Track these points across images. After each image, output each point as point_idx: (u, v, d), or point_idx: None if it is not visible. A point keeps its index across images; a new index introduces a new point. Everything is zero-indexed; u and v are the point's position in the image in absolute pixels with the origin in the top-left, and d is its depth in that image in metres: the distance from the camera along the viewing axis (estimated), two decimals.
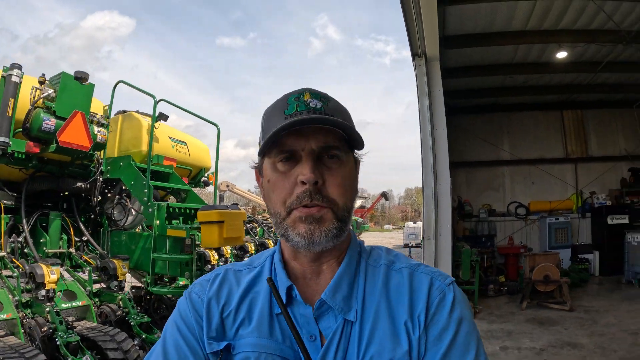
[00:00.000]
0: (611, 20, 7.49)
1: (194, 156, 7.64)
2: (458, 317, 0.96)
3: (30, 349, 4.02)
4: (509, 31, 8.09)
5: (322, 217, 0.97)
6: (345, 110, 1.05)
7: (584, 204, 12.04)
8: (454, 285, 1.01)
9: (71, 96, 5.41)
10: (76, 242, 6.05)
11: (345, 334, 0.98)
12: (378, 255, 1.09)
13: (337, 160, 0.99)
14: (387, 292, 1.00)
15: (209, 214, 5.35)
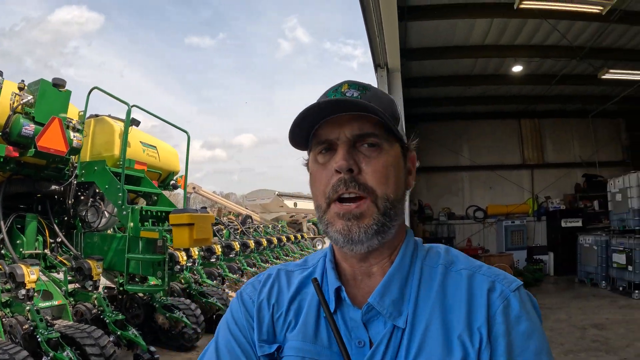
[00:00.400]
0: (565, 38, 8.15)
1: (164, 160, 7.85)
2: (525, 332, 0.87)
3: (12, 346, 4.28)
4: (467, 45, 8.66)
5: (362, 213, 0.93)
6: (386, 98, 1.02)
7: (540, 208, 12.81)
8: (520, 291, 0.92)
9: (49, 102, 5.63)
10: (51, 244, 6.24)
11: (393, 342, 0.92)
12: (436, 254, 1.01)
13: (377, 148, 0.96)
14: (443, 296, 0.93)
15: (180, 217, 5.66)
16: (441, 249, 1.03)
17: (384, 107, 0.96)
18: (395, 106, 1.02)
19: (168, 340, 6.68)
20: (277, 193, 22.43)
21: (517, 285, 0.92)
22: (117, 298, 6.61)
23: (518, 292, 0.91)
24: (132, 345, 5.51)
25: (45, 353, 4.51)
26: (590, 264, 10.54)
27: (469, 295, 0.91)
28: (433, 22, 7.81)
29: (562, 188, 12.99)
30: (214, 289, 8.17)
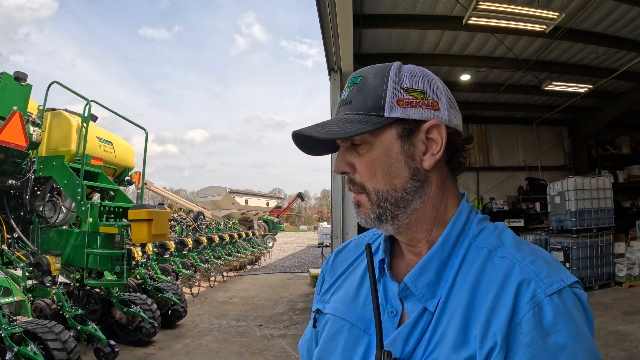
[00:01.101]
0: (511, 52, 8.71)
1: (119, 156, 7.89)
2: (556, 346, 0.76)
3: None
4: (419, 54, 9.06)
5: (359, 202, 0.99)
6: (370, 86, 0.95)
7: (484, 209, 13.31)
8: (561, 294, 0.80)
9: (10, 96, 5.65)
10: (8, 239, 6.25)
11: (422, 323, 0.91)
12: (488, 234, 0.95)
13: (363, 145, 0.96)
14: (476, 284, 0.87)
15: (139, 213, 5.85)
16: (497, 228, 0.97)
17: (365, 98, 0.94)
18: (383, 87, 0.93)
19: (125, 335, 6.80)
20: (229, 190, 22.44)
21: (559, 287, 0.80)
22: (74, 294, 6.66)
23: (558, 295, 0.79)
24: (92, 339, 5.62)
25: (10, 348, 4.57)
26: None
27: (499, 291, 0.83)
28: (387, 30, 8.18)
29: (506, 190, 13.69)
30: (169, 284, 8.33)
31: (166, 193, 21.55)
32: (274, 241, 26.46)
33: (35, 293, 5.96)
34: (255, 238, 17.49)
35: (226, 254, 13.33)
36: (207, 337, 7.35)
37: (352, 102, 0.95)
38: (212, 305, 10.05)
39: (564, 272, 0.84)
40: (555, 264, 0.87)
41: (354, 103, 0.95)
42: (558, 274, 0.83)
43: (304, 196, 30.53)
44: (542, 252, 0.91)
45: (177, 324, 8.02)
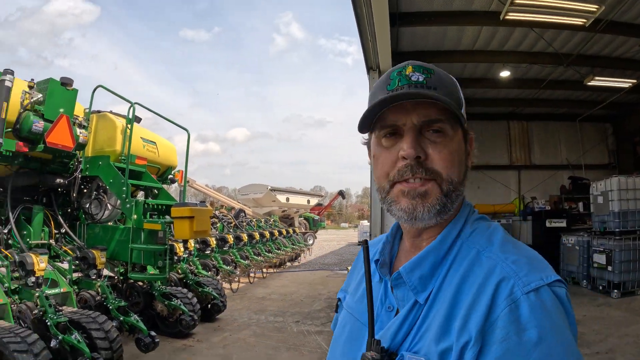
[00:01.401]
0: (551, 47, 8.48)
1: (163, 155, 8.11)
2: (530, 341, 0.77)
3: (23, 330, 4.56)
4: (457, 50, 8.96)
5: (426, 192, 0.96)
6: (451, 82, 1.03)
7: (526, 208, 13.01)
8: (539, 292, 0.82)
9: (57, 100, 5.90)
10: (56, 234, 6.55)
11: (413, 315, 0.95)
12: (480, 235, 0.99)
13: (442, 134, 0.98)
14: (463, 281, 0.91)
15: (182, 210, 6.00)
16: (488, 229, 1.01)
17: (449, 92, 0.99)
18: (458, 89, 1.05)
19: (166, 327, 7.04)
20: (270, 188, 22.63)
21: (537, 286, 0.83)
22: (118, 287, 6.93)
23: (535, 293, 0.82)
24: (134, 330, 5.83)
25: (55, 336, 4.80)
26: (573, 264, 10.83)
27: (480, 288, 0.86)
28: (424, 28, 8.08)
29: (548, 189, 13.28)
30: (209, 279, 8.51)
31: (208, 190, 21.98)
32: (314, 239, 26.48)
33: (81, 285, 6.23)
34: (295, 235, 17.59)
35: (266, 251, 13.48)
36: (245, 332, 7.50)
37: (437, 89, 0.97)
38: (251, 300, 10.21)
39: (544, 272, 0.86)
40: (537, 263, 0.89)
41: (439, 90, 0.97)
42: (538, 273, 0.85)
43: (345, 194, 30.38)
44: (528, 252, 0.93)
45: (217, 317, 8.20)
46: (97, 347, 4.96)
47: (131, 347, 5.85)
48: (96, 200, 7.09)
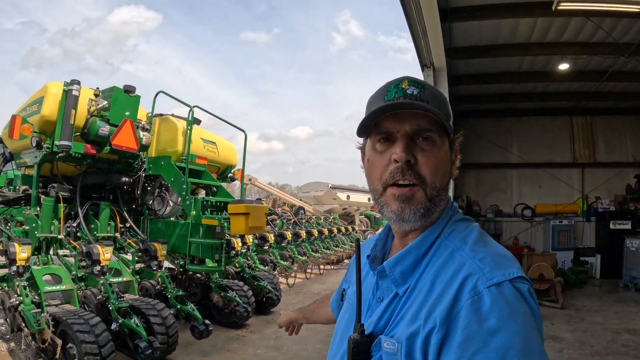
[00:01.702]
0: (610, 36, 8.01)
1: (222, 155, 8.41)
2: (490, 329, 0.83)
3: (87, 313, 5.03)
4: (513, 43, 8.62)
5: (413, 196, 1.05)
6: (441, 97, 1.13)
7: (589, 208, 12.36)
8: (501, 287, 0.89)
9: (121, 106, 6.36)
10: (121, 228, 7.03)
11: (393, 306, 1.06)
12: (456, 235, 1.08)
13: (431, 143, 1.07)
14: (436, 276, 0.99)
15: (238, 207, 6.26)
16: (466, 229, 1.10)
17: (439, 105, 1.09)
18: (447, 104, 1.14)
19: (221, 317, 7.38)
20: (331, 186, 22.63)
21: (499, 281, 0.89)
22: (178, 278, 7.36)
23: (497, 287, 0.88)
24: (190, 318, 6.16)
25: (115, 320, 5.23)
26: (636, 269, 10.26)
27: (448, 282, 0.95)
28: (477, 22, 7.86)
29: (613, 188, 12.41)
30: (265, 274, 8.76)
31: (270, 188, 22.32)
32: None
33: (143, 275, 6.68)
34: (355, 233, 17.57)
35: (324, 248, 13.67)
36: None
37: (430, 102, 1.07)
38: (307, 295, 10.40)
39: (508, 269, 0.93)
40: (503, 261, 0.97)
41: (431, 104, 1.07)
42: (501, 270, 0.93)
43: None
44: (496, 251, 1.02)
45: (271, 310, 8.44)
46: (154, 332, 5.33)
47: (187, 334, 6.19)
48: (159, 197, 7.57)
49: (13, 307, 4.88)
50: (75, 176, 6.86)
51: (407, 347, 0.94)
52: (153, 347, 5.21)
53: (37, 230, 5.86)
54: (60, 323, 4.81)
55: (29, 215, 6.04)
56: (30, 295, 4.90)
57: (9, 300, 4.90)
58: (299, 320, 1.99)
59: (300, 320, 1.99)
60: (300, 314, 1.98)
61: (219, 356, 6.04)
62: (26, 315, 4.68)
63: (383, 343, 1.00)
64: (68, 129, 5.81)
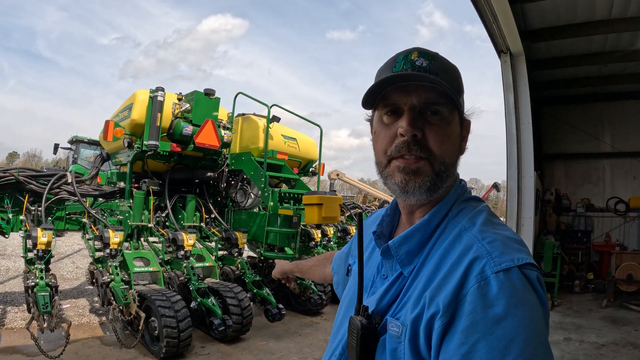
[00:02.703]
0: None
1: (303, 150, 8.69)
2: (496, 316, 0.79)
3: (170, 292, 5.49)
4: (592, 21, 7.88)
5: (419, 169, 1.01)
6: (452, 69, 1.08)
7: None
8: (509, 272, 0.84)
9: (202, 108, 6.81)
10: (206, 219, 7.51)
11: (397, 286, 1.01)
12: (464, 215, 1.03)
13: (439, 117, 1.02)
14: (443, 257, 0.95)
15: (311, 198, 6.45)
16: (474, 209, 1.05)
17: (450, 78, 1.04)
18: (460, 77, 1.09)
19: (298, 304, 7.65)
20: None
21: (507, 267, 0.84)
22: (258, 265, 7.73)
23: (505, 273, 0.83)
24: (265, 302, 6.45)
25: (194, 299, 5.68)
26: None
27: (454, 264, 0.90)
28: (551, 1, 7.28)
29: None
30: None
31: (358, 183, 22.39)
32: None
33: (225, 261, 7.09)
34: None
35: None
36: None
37: (439, 75, 1.02)
38: None
39: (517, 254, 0.88)
40: (513, 245, 0.91)
41: (441, 76, 1.02)
42: (510, 255, 0.87)
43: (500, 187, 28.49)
44: (506, 234, 0.95)
45: None
46: (230, 312, 5.69)
47: (263, 318, 6.47)
48: (241, 190, 8.02)
49: (105, 284, 5.36)
50: (164, 172, 7.45)
51: (411, 331, 0.90)
52: (226, 325, 5.58)
53: (130, 220, 6.48)
54: (145, 299, 5.31)
55: (122, 207, 6.71)
56: (120, 274, 5.40)
57: (102, 278, 5.42)
58: (294, 272, 2.01)
59: (295, 273, 2.01)
60: (296, 267, 1.99)
61: (290, 340, 6.26)
62: (115, 291, 5.17)
63: (389, 325, 0.96)
64: (155, 131, 6.36)
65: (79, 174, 6.86)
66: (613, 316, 7.71)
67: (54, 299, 4.84)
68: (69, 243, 13.37)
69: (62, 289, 7.55)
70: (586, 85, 10.76)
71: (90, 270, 6.37)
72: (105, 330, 6.12)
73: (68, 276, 9.42)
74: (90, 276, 6.44)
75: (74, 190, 6.33)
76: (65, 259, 11.35)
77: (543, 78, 10.11)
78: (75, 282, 8.98)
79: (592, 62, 9.54)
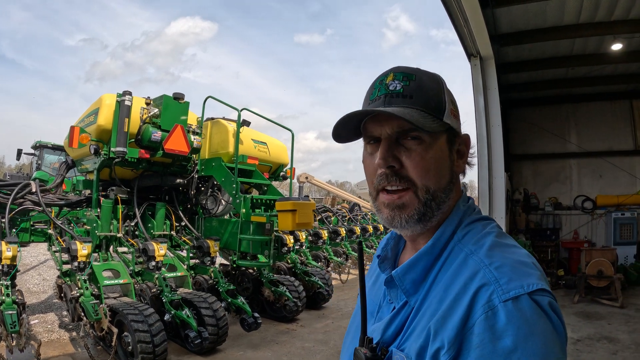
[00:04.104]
0: None
1: (273, 154, 8.64)
2: (506, 349, 0.76)
3: (142, 304, 5.40)
4: (561, 26, 8.19)
5: (404, 204, 0.98)
6: (430, 88, 1.02)
7: None
8: (518, 301, 0.80)
9: (171, 113, 6.72)
10: (176, 227, 7.42)
11: (402, 315, 0.97)
12: (471, 237, 0.98)
13: (419, 142, 0.97)
14: (449, 284, 0.90)
15: (285, 204, 6.43)
16: (482, 231, 0.99)
17: (427, 98, 0.99)
18: (442, 93, 1.03)
19: (272, 311, 7.64)
20: None
21: (517, 294, 0.80)
22: (231, 273, 7.67)
23: (514, 302, 0.80)
24: (240, 311, 6.42)
25: (168, 311, 5.60)
26: None
27: (459, 292, 0.86)
28: (521, 6, 7.53)
29: None
30: (318, 270, 8.92)
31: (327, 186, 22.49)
32: None
33: (197, 270, 7.02)
34: None
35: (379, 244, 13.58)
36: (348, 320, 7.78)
37: (414, 97, 0.98)
38: None
39: (527, 279, 0.84)
40: (523, 270, 0.87)
41: (415, 99, 0.98)
42: (519, 281, 0.83)
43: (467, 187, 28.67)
44: (516, 257, 0.90)
45: (323, 305, 8.62)
46: (205, 323, 5.63)
47: (238, 327, 6.46)
48: (212, 196, 7.93)
49: (74, 299, 5.24)
50: (132, 179, 7.33)
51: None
52: (202, 337, 5.53)
53: (98, 230, 6.34)
54: (117, 313, 5.20)
55: (90, 216, 6.54)
56: (90, 288, 5.28)
57: (71, 292, 5.29)
58: None
59: None
60: None
61: (268, 349, 6.24)
62: (85, 306, 5.06)
63: (394, 356, 0.93)
64: (122, 136, 6.24)
65: (44, 181, 6.67)
66: (585, 311, 8.02)
67: (21, 317, 4.70)
68: (34, 253, 12.95)
69: (30, 303, 7.33)
70: (553, 87, 11.19)
71: (58, 284, 6.22)
72: (76, 347, 5.96)
73: (35, 289, 9.15)
74: (58, 290, 6.28)
75: (38, 200, 6.16)
76: (31, 270, 11.03)
77: (511, 81, 10.49)
78: (43, 295, 8.73)
79: (559, 65, 9.92)
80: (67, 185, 7.92)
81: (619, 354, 5.88)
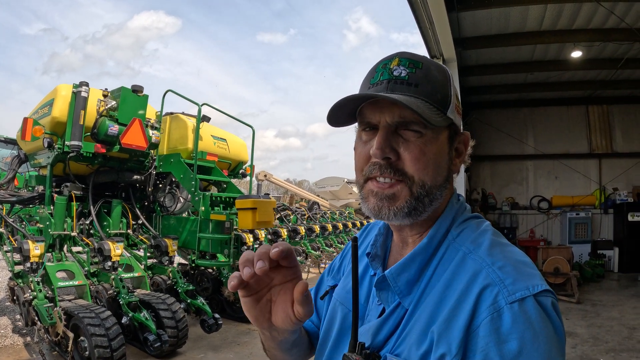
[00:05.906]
0: (623, 22, 7.83)
1: (233, 151, 8.57)
2: (512, 352, 0.76)
3: (98, 307, 5.26)
4: (523, 32, 8.54)
5: (394, 195, 0.94)
6: (438, 78, 0.97)
7: (607, 200, 12.18)
8: (524, 303, 0.80)
9: (130, 106, 6.55)
10: (133, 225, 7.27)
11: (395, 317, 0.94)
12: (467, 236, 0.96)
13: (418, 134, 0.93)
14: (448, 284, 0.88)
15: (245, 202, 6.41)
16: (477, 229, 0.97)
17: (433, 89, 0.95)
18: (449, 86, 0.99)
19: (233, 312, 7.59)
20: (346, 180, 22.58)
21: (522, 296, 0.80)
22: (190, 273, 7.57)
23: (519, 304, 0.79)
24: (200, 312, 6.35)
25: (125, 314, 5.48)
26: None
27: (462, 293, 0.84)
28: (485, 11, 7.77)
29: (631, 179, 12.21)
30: None
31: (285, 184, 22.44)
32: None
33: (155, 270, 6.88)
34: None
35: (338, 242, 13.70)
36: None
37: (419, 86, 0.94)
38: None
39: (531, 280, 0.83)
40: (526, 270, 0.86)
41: (421, 88, 0.94)
42: (524, 282, 0.82)
43: None
44: (516, 257, 0.90)
45: None
46: (164, 326, 5.55)
47: (198, 328, 6.39)
48: (170, 194, 7.78)
49: (27, 302, 5.06)
50: (87, 175, 7.09)
51: None
52: (162, 340, 5.44)
53: (51, 228, 6.12)
54: (72, 317, 5.05)
55: (43, 214, 6.31)
56: (43, 290, 5.11)
57: (24, 295, 5.10)
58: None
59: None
60: None
61: (229, 350, 6.22)
62: (39, 310, 4.89)
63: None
64: (78, 130, 6.04)
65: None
66: None
67: None
68: None
69: None
70: (513, 91, 11.69)
71: (9, 286, 5.98)
72: (31, 353, 5.74)
73: None
74: (10, 293, 6.04)
75: None
76: None
77: (472, 83, 10.81)
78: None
79: (519, 70, 10.36)
80: (20, 181, 7.59)
81: (578, 347, 6.15)
